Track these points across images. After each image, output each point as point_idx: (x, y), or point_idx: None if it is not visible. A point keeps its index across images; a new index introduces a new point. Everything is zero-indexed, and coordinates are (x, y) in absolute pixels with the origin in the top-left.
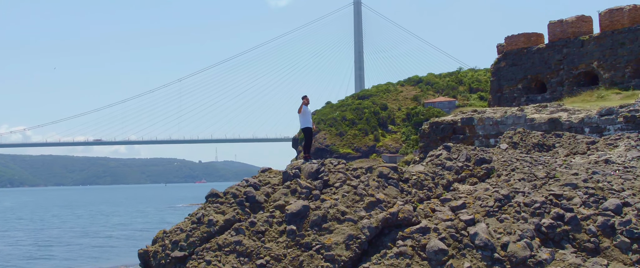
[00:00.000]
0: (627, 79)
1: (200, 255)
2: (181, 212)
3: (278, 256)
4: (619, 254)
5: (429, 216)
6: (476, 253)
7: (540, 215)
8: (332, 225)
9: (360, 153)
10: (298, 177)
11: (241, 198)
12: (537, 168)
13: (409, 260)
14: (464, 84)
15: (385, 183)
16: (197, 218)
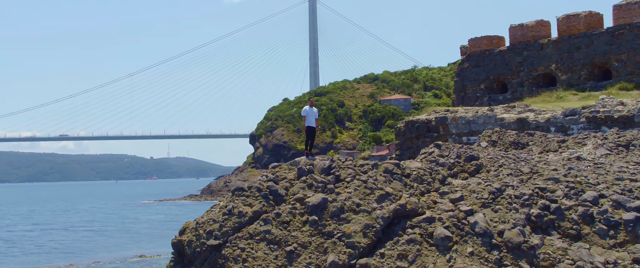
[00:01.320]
0: (583, 81)
1: (234, 243)
2: (146, 209)
3: (304, 243)
4: (598, 239)
5: (432, 207)
6: (477, 240)
7: (529, 206)
8: (349, 216)
9: (317, 150)
10: (312, 172)
11: (265, 192)
12: (521, 165)
13: (418, 246)
14: (419, 82)
15: (391, 178)
16: (228, 210)
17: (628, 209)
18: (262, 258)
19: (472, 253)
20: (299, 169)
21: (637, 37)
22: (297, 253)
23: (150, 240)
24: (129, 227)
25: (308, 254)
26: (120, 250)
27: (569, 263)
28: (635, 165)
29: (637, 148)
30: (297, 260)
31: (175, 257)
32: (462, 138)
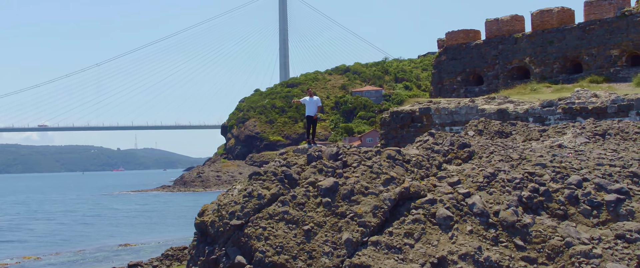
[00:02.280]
0: (555, 74)
1: (255, 223)
2: (121, 199)
3: (319, 223)
4: (583, 218)
5: (432, 190)
6: (475, 219)
7: (520, 189)
8: (359, 198)
9: (290, 141)
10: (320, 158)
11: (280, 176)
12: (510, 151)
13: (423, 225)
14: (390, 74)
15: (394, 164)
16: (248, 192)
17: (609, 191)
18: (282, 237)
19: (472, 231)
20: (309, 155)
21: (607, 33)
22: (314, 232)
23: (131, 230)
24: (108, 217)
25: (324, 232)
26: (103, 239)
27: (559, 239)
28: (612, 152)
29: (612, 137)
30: (314, 238)
31: (198, 237)
32: (445, 128)
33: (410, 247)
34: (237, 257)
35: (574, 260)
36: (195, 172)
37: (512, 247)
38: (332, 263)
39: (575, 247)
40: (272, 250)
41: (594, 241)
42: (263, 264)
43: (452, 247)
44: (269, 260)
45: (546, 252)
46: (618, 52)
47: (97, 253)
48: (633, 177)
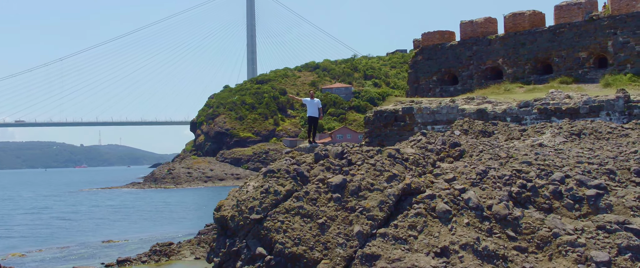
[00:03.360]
0: (527, 75)
1: (274, 217)
2: (94, 196)
3: (332, 216)
4: (567, 211)
5: (430, 186)
6: (471, 213)
7: (510, 185)
8: (365, 193)
9: (260, 138)
10: (327, 157)
11: (293, 173)
12: (497, 150)
13: (424, 219)
14: (359, 71)
15: (394, 162)
16: (264, 189)
17: (589, 187)
18: (299, 229)
19: (469, 224)
20: (316, 154)
21: (576, 35)
22: (327, 225)
23: (111, 226)
24: (86, 214)
25: (336, 225)
26: (85, 236)
27: (547, 230)
28: (589, 151)
29: (587, 136)
30: (328, 231)
31: (219, 230)
32: (426, 127)
33: (415, 238)
34: (258, 249)
35: (561, 249)
36: (165, 168)
37: (505, 238)
38: (346, 254)
39: (562, 237)
40: (291, 241)
41: (578, 232)
42: (283, 255)
43: (453, 238)
44: (289, 251)
45: (535, 242)
46: (586, 54)
47: (81, 250)
48: (609, 174)
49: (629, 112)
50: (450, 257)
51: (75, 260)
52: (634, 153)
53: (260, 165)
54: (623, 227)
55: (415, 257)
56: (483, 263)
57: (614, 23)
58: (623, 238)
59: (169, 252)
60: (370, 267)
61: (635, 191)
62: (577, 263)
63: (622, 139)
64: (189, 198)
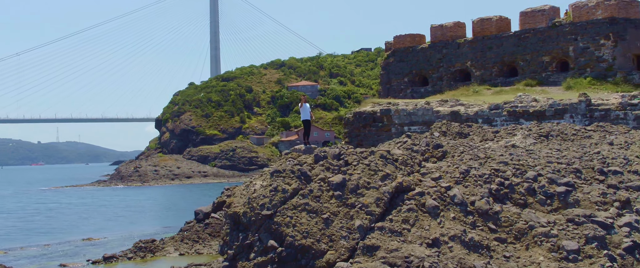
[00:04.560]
0: (494, 77)
1: (283, 213)
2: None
3: (335, 212)
4: (540, 206)
5: (419, 184)
6: (456, 208)
7: (489, 183)
8: (363, 191)
9: (226, 135)
10: (326, 158)
11: (298, 173)
12: (476, 151)
13: (416, 213)
14: (325, 69)
15: (386, 162)
16: (273, 188)
17: (559, 185)
18: (306, 224)
19: (454, 218)
20: (316, 155)
21: (540, 40)
22: (331, 220)
23: (88, 224)
24: (61, 212)
25: (339, 220)
26: (64, 234)
27: (523, 223)
28: (557, 152)
29: (555, 137)
30: (332, 225)
31: (231, 225)
32: (403, 128)
33: (408, 231)
34: (270, 241)
35: (536, 240)
36: (131, 166)
37: (487, 230)
38: (349, 245)
39: (537, 229)
40: (300, 235)
41: (551, 224)
42: (293, 246)
43: (442, 231)
44: (298, 243)
45: (514, 234)
46: (549, 58)
47: (64, 247)
48: (576, 173)
49: (590, 115)
50: (441, 247)
51: (60, 257)
52: (597, 154)
53: (228, 162)
54: (589, 219)
55: (410, 247)
56: (470, 252)
57: (575, 29)
58: (590, 230)
59: (153, 248)
60: (371, 256)
61: (599, 188)
62: (550, 252)
63: (586, 141)
64: (159, 196)
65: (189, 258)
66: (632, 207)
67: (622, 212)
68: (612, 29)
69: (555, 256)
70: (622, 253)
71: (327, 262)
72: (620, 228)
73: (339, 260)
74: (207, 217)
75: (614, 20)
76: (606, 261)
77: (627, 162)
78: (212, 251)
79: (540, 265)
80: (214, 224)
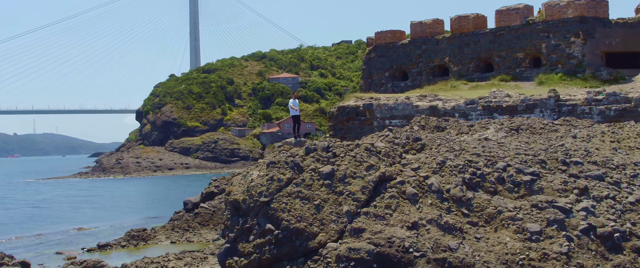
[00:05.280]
0: (471, 72)
1: (279, 199)
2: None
3: (325, 199)
4: (508, 194)
5: (400, 174)
6: (433, 195)
7: (463, 173)
8: (350, 180)
9: (208, 127)
10: (316, 150)
11: (291, 164)
12: (452, 144)
13: (397, 200)
14: (306, 61)
15: (370, 154)
16: (270, 177)
17: (525, 174)
18: (299, 209)
19: (432, 204)
20: (307, 148)
21: (514, 38)
22: (322, 206)
23: (78, 215)
24: (51, 203)
25: (329, 206)
26: (56, 224)
27: (493, 208)
28: (525, 144)
29: (524, 131)
30: (323, 210)
31: (231, 211)
32: (385, 121)
33: (390, 216)
34: (267, 225)
35: (504, 223)
36: (113, 157)
37: (461, 215)
38: (338, 228)
39: (505, 214)
40: (294, 219)
41: (517, 209)
42: (289, 229)
43: (421, 215)
44: (293, 226)
45: (484, 218)
46: (523, 55)
47: (57, 237)
48: (541, 163)
49: (558, 110)
50: (419, 230)
51: (55, 245)
52: (561, 146)
53: (210, 154)
54: (551, 205)
55: (392, 230)
56: (445, 234)
57: (548, 27)
58: (551, 213)
59: (145, 236)
60: (358, 237)
61: (561, 177)
62: (515, 233)
63: (552, 134)
64: (143, 188)
65: (181, 246)
66: (590, 193)
67: (581, 198)
68: (582, 27)
69: (520, 237)
70: (579, 234)
71: (318, 242)
72: (577, 212)
73: (329, 241)
74: (196, 207)
75: (583, 19)
76: (564, 241)
77: (587, 153)
78: (202, 239)
79: (506, 245)
80: (203, 214)
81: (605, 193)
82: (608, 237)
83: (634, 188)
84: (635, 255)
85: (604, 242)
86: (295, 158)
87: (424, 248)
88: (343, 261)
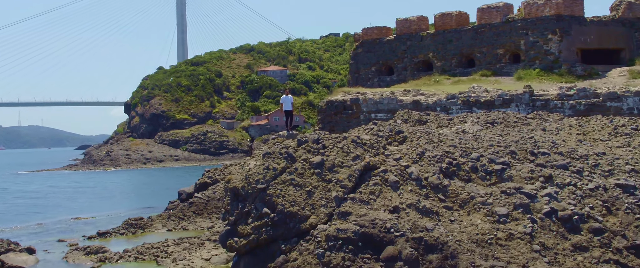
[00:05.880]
0: (454, 68)
1: (274, 186)
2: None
3: (315, 186)
4: (480, 181)
5: (383, 164)
6: (413, 183)
7: (441, 162)
8: (338, 169)
9: (196, 119)
10: (307, 142)
11: (284, 155)
12: (431, 136)
13: (381, 187)
14: (294, 54)
15: (356, 146)
16: (266, 166)
17: (497, 163)
18: (293, 195)
19: (412, 190)
20: (299, 140)
21: (495, 35)
22: (312, 192)
23: (74, 205)
24: (46, 195)
25: (319, 192)
26: (54, 214)
27: (466, 194)
28: (498, 137)
29: (499, 124)
30: (313, 196)
31: (231, 197)
32: (371, 115)
33: (374, 201)
34: (264, 209)
35: (476, 207)
36: (103, 150)
37: (437, 200)
38: (328, 211)
39: (476, 199)
40: (288, 203)
41: (488, 195)
42: (283, 213)
43: (401, 200)
44: (287, 210)
45: (458, 202)
46: (503, 51)
47: (57, 226)
48: (512, 154)
49: (532, 104)
50: (400, 213)
51: (56, 233)
52: (531, 138)
53: (199, 146)
54: (518, 191)
55: (376, 213)
56: (423, 216)
57: (526, 25)
58: (518, 198)
59: (143, 224)
60: (345, 220)
61: (529, 166)
62: (486, 216)
63: (524, 127)
64: (135, 179)
65: (177, 233)
66: (554, 181)
67: (545, 185)
68: (558, 25)
69: (490, 219)
70: (542, 217)
71: (310, 224)
72: (542, 197)
73: (319, 223)
74: (190, 197)
75: (560, 17)
76: (529, 223)
77: (554, 145)
78: (197, 227)
79: (477, 226)
80: (197, 203)
81: (567, 180)
82: (568, 219)
83: (594, 176)
84: (592, 235)
85: (564, 223)
86: (289, 149)
87: (403, 229)
88: (332, 240)
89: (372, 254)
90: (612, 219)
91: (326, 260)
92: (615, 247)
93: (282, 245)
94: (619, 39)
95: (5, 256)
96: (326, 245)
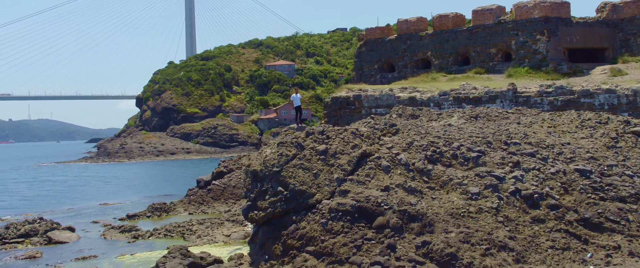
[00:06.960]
0: (450, 65)
1: (286, 169)
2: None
3: (321, 169)
4: (459, 166)
5: (377, 151)
6: (402, 167)
7: (426, 150)
8: (339, 156)
9: (206, 113)
10: (314, 133)
11: (295, 144)
12: (420, 128)
13: (374, 171)
14: (302, 48)
15: (355, 136)
16: (279, 153)
17: (474, 152)
18: (302, 176)
19: (400, 174)
20: (307, 132)
21: (488, 35)
22: (318, 174)
23: (100, 193)
24: (71, 184)
25: (324, 175)
26: (83, 200)
27: (446, 177)
28: (479, 129)
29: (482, 118)
30: (319, 177)
31: (251, 178)
32: (371, 110)
33: (369, 182)
34: (278, 188)
35: (453, 187)
36: (117, 143)
37: (422, 181)
38: (330, 190)
39: (454, 181)
40: (298, 183)
41: (464, 177)
42: (294, 191)
43: (392, 181)
44: (297, 188)
45: (440, 184)
46: (495, 50)
47: (87, 210)
48: (488, 144)
49: (516, 100)
50: (389, 191)
51: (88, 216)
52: (506, 130)
53: (210, 139)
54: (489, 174)
55: (369, 191)
56: (408, 194)
57: (517, 26)
58: (488, 180)
59: (167, 208)
60: (345, 196)
61: (501, 154)
62: (461, 194)
63: (503, 121)
64: (151, 170)
65: (198, 216)
66: (521, 166)
67: (513, 170)
68: (546, 26)
69: (464, 197)
70: (508, 195)
71: (316, 200)
72: (509, 179)
73: (324, 199)
74: (208, 184)
75: (548, 19)
76: (496, 200)
77: (525, 136)
78: (215, 211)
79: (453, 203)
80: (215, 190)
81: (533, 166)
82: (529, 197)
83: (557, 162)
84: (548, 210)
85: (526, 200)
86: (298, 140)
87: (392, 203)
88: (333, 212)
89: (365, 223)
90: (567, 198)
91: (329, 228)
92: (567, 220)
93: (293, 217)
94: (603, 39)
95: (52, 233)
96: (329, 216)
